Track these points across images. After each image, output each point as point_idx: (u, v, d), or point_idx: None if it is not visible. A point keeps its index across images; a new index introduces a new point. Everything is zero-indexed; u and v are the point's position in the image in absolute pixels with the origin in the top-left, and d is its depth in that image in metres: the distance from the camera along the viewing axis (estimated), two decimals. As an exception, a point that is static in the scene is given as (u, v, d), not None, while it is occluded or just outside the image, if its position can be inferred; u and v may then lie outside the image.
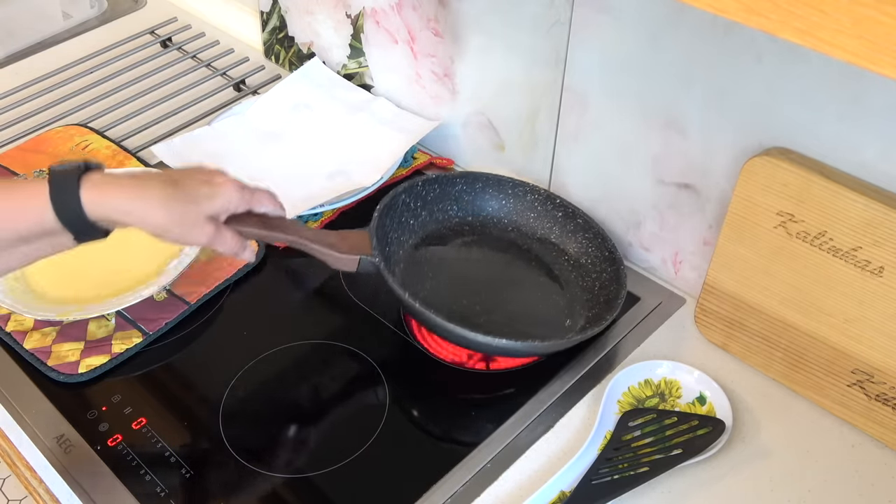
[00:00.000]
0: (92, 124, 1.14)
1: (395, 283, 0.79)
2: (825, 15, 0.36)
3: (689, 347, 0.85)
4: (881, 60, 0.36)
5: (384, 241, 0.87)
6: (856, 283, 0.71)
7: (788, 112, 0.72)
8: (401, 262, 0.89)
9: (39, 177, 0.67)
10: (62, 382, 0.82)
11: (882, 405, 0.75)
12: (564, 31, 0.85)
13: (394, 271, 0.87)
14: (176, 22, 1.34)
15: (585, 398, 0.81)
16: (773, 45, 0.70)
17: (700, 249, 0.87)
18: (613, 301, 0.84)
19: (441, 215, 0.95)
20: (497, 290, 0.89)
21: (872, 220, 0.68)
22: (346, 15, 1.10)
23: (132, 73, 1.23)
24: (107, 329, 0.86)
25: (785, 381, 0.81)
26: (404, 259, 0.90)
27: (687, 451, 0.74)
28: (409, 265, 0.89)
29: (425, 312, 0.78)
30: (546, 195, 0.94)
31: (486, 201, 0.96)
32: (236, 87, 1.21)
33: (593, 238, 0.91)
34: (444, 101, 1.05)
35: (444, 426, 0.82)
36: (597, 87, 0.86)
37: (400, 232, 0.91)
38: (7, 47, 1.28)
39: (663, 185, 0.86)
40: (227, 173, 0.71)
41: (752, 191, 0.74)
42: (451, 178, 0.94)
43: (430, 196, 0.93)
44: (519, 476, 0.75)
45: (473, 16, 0.93)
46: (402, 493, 0.74)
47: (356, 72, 1.15)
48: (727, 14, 0.40)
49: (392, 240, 0.89)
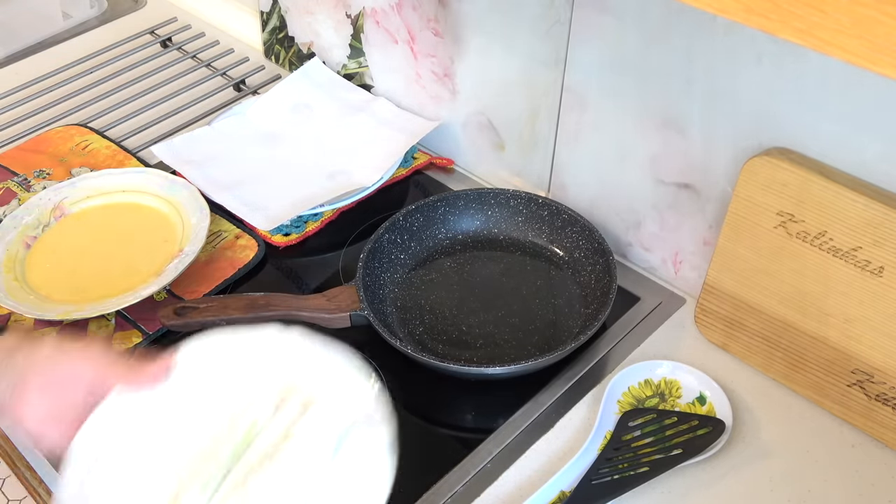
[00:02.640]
0: (92, 124, 1.14)
1: (386, 333, 0.80)
2: (825, 15, 0.36)
3: (689, 347, 0.85)
4: (881, 60, 0.36)
5: (375, 285, 0.88)
6: (856, 283, 0.71)
7: (788, 112, 0.72)
8: (397, 300, 0.89)
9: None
10: (62, 382, 0.82)
11: (882, 405, 0.75)
12: (564, 31, 0.85)
13: (388, 313, 0.88)
14: (176, 22, 1.34)
15: (585, 398, 0.81)
16: (773, 45, 0.70)
17: (700, 249, 0.87)
18: (607, 294, 0.84)
19: (431, 241, 0.95)
20: (495, 305, 0.89)
21: (872, 220, 0.68)
22: (346, 15, 1.10)
23: (132, 73, 1.23)
24: (107, 329, 0.86)
25: (785, 381, 0.81)
26: (400, 296, 0.90)
27: (687, 451, 0.74)
28: (404, 301, 0.89)
29: (420, 357, 0.79)
30: (528, 197, 0.94)
31: (472, 216, 0.96)
32: (236, 87, 1.21)
33: (581, 231, 0.91)
34: (444, 101, 1.05)
35: (444, 426, 0.82)
36: (596, 88, 0.86)
37: (392, 271, 0.91)
38: (7, 47, 1.28)
39: (663, 185, 0.86)
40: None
41: (752, 191, 0.74)
42: (432, 204, 0.94)
43: (415, 226, 0.93)
44: (519, 476, 0.75)
45: (473, 16, 0.93)
46: (401, 494, 0.74)
47: (356, 72, 1.15)
48: (727, 14, 0.40)
49: (384, 281, 0.90)
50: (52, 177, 1.04)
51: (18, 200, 1.00)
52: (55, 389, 0.60)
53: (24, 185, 1.02)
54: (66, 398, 0.60)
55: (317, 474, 0.58)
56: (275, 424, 0.59)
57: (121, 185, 1.00)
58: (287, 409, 0.60)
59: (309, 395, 0.61)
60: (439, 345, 0.85)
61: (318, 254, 0.97)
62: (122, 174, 1.01)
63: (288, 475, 0.57)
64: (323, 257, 0.97)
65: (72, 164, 1.06)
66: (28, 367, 0.61)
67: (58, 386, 0.60)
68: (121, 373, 0.61)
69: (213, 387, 0.62)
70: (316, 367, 0.62)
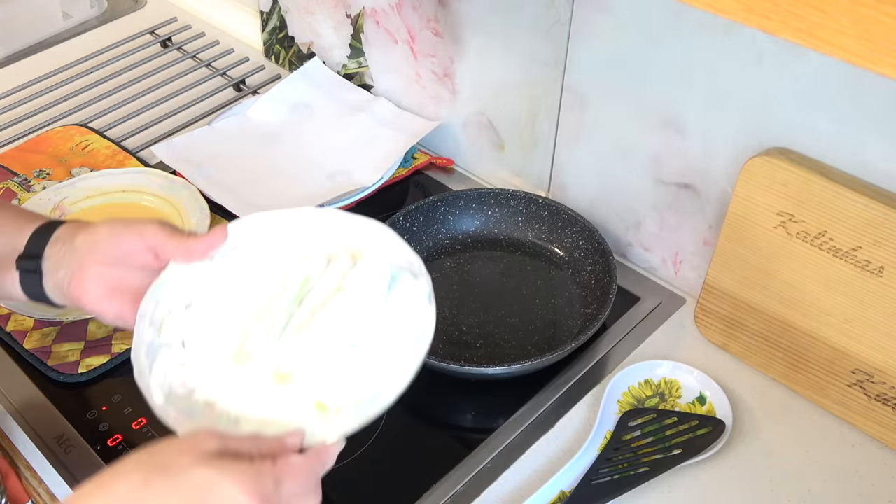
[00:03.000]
0: (92, 124, 1.14)
1: None
2: (825, 15, 0.36)
3: (689, 347, 0.85)
4: (881, 60, 0.36)
5: None
6: (856, 283, 0.71)
7: (788, 112, 0.72)
8: None
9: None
10: (62, 382, 0.82)
11: (882, 405, 0.75)
12: (564, 31, 0.85)
13: None
14: (176, 22, 1.34)
15: (585, 398, 0.81)
16: (773, 45, 0.70)
17: (700, 249, 0.87)
18: (607, 294, 0.84)
19: (430, 242, 0.95)
20: (495, 305, 0.89)
21: (872, 220, 0.68)
22: (346, 15, 1.10)
23: (132, 73, 1.23)
24: (107, 329, 0.86)
25: (785, 381, 0.81)
26: None
27: (687, 451, 0.74)
28: None
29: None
30: (528, 197, 0.94)
31: (472, 216, 0.96)
32: (236, 87, 1.21)
33: (581, 231, 0.91)
34: (444, 101, 1.05)
35: (444, 426, 0.82)
36: (597, 88, 0.86)
37: None
38: (7, 47, 1.28)
39: (663, 184, 0.86)
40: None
41: (752, 191, 0.74)
42: (433, 204, 0.94)
43: (415, 227, 0.94)
44: (519, 476, 0.75)
45: (473, 16, 0.93)
46: (401, 494, 0.74)
47: (356, 72, 1.15)
48: (727, 14, 0.40)
49: None
50: (52, 177, 1.04)
51: (18, 200, 1.00)
52: (113, 267, 0.63)
53: (24, 185, 1.02)
54: (123, 274, 0.63)
55: (373, 314, 0.61)
56: (328, 276, 0.63)
57: (121, 185, 1.00)
58: (338, 263, 0.63)
59: (355, 249, 0.64)
60: (439, 345, 0.85)
61: (318, 254, 0.97)
62: (122, 174, 1.01)
63: (347, 315, 0.61)
64: (323, 257, 0.97)
65: (72, 164, 1.06)
66: (85, 250, 0.63)
67: (115, 263, 0.63)
68: (175, 246, 0.63)
69: (264, 252, 0.65)
70: (356, 229, 0.66)
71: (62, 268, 0.64)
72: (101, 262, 0.63)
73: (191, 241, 0.63)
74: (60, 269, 0.64)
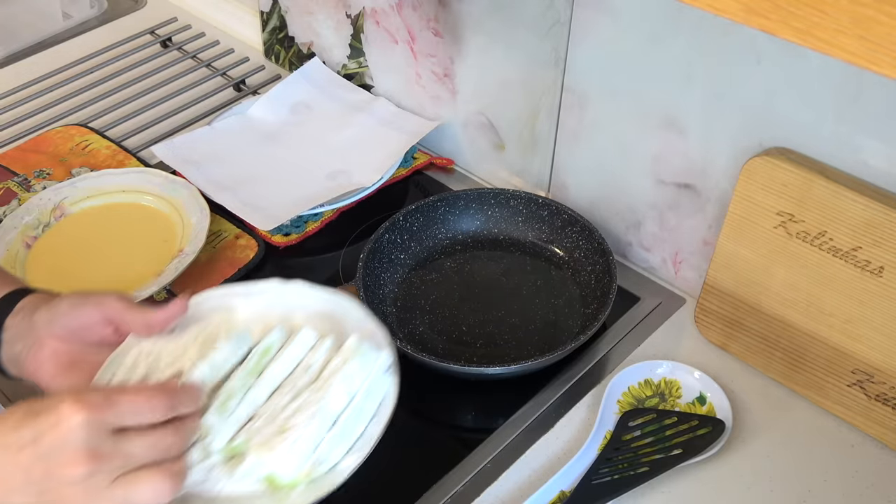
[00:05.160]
0: (92, 124, 1.14)
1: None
2: (825, 15, 0.36)
3: (689, 347, 0.85)
4: (881, 60, 0.36)
5: (375, 285, 0.88)
6: (856, 283, 0.71)
7: (788, 112, 0.72)
8: (397, 300, 0.89)
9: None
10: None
11: (882, 405, 0.75)
12: (564, 31, 0.85)
13: (388, 313, 0.88)
14: (176, 22, 1.34)
15: (585, 398, 0.81)
16: (772, 45, 0.70)
17: (700, 249, 0.87)
18: (607, 294, 0.84)
19: (431, 241, 0.95)
20: (495, 305, 0.89)
21: (872, 220, 0.68)
22: (346, 15, 1.10)
23: (132, 73, 1.23)
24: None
25: (785, 381, 0.81)
26: (399, 296, 0.90)
27: (687, 451, 0.74)
28: (404, 301, 0.89)
29: (420, 357, 0.79)
30: (528, 197, 0.94)
31: (472, 217, 0.96)
32: (236, 87, 1.21)
33: (581, 231, 0.91)
34: (444, 101, 1.05)
35: (444, 426, 0.82)
36: (597, 87, 0.86)
37: (392, 271, 0.91)
38: (7, 47, 1.28)
39: (663, 184, 0.86)
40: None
41: (752, 191, 0.74)
42: (432, 204, 0.94)
43: (415, 226, 0.93)
44: (519, 476, 0.75)
45: (473, 16, 0.93)
46: (401, 494, 0.74)
47: (356, 72, 1.15)
48: (727, 14, 0.40)
49: (384, 280, 0.90)
50: (52, 177, 1.04)
51: (18, 200, 1.00)
52: (70, 343, 0.62)
53: (24, 185, 1.02)
54: (80, 349, 0.63)
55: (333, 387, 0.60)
56: (290, 349, 0.63)
57: (121, 185, 1.00)
58: (300, 336, 0.63)
59: (318, 322, 0.65)
60: (439, 345, 0.85)
61: (318, 254, 0.97)
62: (122, 174, 1.01)
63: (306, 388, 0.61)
64: (323, 257, 0.97)
65: (72, 164, 1.06)
66: (43, 324, 0.62)
67: (73, 338, 0.62)
68: (134, 318, 0.63)
69: (224, 324, 0.65)
70: (321, 302, 0.67)
71: (20, 341, 0.63)
72: (59, 338, 0.62)
73: (150, 314, 0.62)
74: (18, 343, 0.63)
